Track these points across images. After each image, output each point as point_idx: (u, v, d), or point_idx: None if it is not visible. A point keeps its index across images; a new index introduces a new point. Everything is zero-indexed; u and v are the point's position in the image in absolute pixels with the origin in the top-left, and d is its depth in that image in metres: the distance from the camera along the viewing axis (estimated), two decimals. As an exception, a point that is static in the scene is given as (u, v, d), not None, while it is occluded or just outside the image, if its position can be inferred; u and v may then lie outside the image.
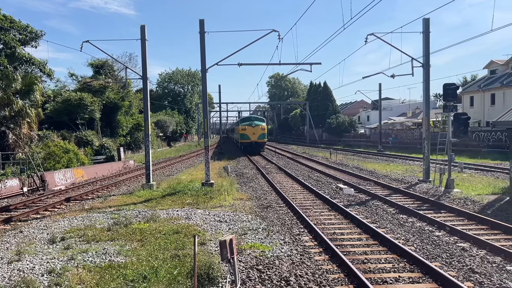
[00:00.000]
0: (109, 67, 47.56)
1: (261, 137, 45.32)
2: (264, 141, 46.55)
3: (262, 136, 45.47)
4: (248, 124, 45.52)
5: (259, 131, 45.00)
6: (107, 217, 13.91)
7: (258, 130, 44.95)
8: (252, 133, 44.75)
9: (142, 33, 20.80)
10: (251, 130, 44.87)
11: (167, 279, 7.72)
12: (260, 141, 45.57)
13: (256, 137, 44.97)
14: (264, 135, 45.59)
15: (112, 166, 32.01)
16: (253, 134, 44.78)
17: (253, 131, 44.79)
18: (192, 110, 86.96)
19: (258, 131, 44.96)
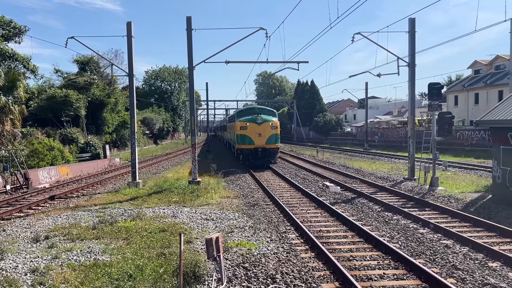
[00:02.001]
0: (95, 63, 46.96)
1: (271, 141, 28.00)
2: (277, 147, 28.95)
3: (274, 138, 28.09)
4: (251, 119, 28.24)
5: (269, 130, 27.90)
6: (92, 215, 13.78)
7: (267, 129, 27.87)
8: (257, 133, 27.69)
9: (128, 29, 20.61)
10: (256, 129, 27.80)
11: (152, 277, 7.68)
12: (271, 146, 28.11)
13: (264, 140, 27.70)
14: (276, 137, 28.19)
15: (98, 163, 31.68)
16: (258, 135, 27.75)
17: (258, 131, 27.70)
18: (179, 108, 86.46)
19: (267, 130, 27.89)
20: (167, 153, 48.28)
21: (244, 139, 28.02)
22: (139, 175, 22.25)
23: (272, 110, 31.09)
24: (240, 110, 33.26)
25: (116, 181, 24.12)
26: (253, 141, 27.69)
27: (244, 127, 27.85)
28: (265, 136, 27.68)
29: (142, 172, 27.24)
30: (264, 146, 27.73)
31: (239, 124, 28.35)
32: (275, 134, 27.92)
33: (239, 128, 28.10)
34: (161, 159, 38.99)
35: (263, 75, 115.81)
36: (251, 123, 27.70)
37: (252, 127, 27.67)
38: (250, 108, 32.18)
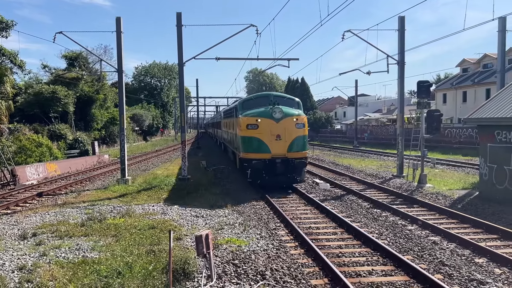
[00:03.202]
0: (84, 59, 46.40)
1: (297, 146, 17.78)
2: (305, 156, 18.23)
3: (301, 143, 17.93)
4: (264, 113, 17.86)
5: (293, 130, 17.67)
6: (81, 212, 13.67)
7: (289, 129, 17.61)
8: (275, 135, 17.46)
9: (118, 25, 20.43)
10: (272, 128, 17.53)
11: (142, 274, 7.65)
12: (296, 155, 17.68)
13: (285, 146, 17.52)
14: (304, 140, 18.06)
15: (86, 160, 31.41)
16: (276, 138, 17.45)
17: (276, 131, 17.48)
18: (169, 104, 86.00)
19: (291, 130, 17.62)
20: (156, 150, 48.03)
21: (253, 145, 17.29)
22: (128, 172, 22.12)
23: (294, 98, 19.42)
24: (247, 99, 20.23)
25: (105, 178, 23.95)
26: (267, 147, 16.89)
27: (254, 125, 17.22)
28: (287, 139, 16.98)
29: (132, 169, 27.08)
30: (285, 156, 16.91)
31: (244, 121, 17.51)
32: (302, 136, 17.30)
33: (245, 127, 17.41)
34: (150, 156, 38.79)
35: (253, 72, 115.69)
36: (264, 119, 17.08)
37: (266, 126, 17.00)
38: (263, 95, 20.50)
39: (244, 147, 17.86)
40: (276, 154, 17.11)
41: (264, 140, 17.15)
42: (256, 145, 17.32)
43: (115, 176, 23.47)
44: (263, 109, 17.77)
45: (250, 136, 17.53)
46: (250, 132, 17.48)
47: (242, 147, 18.04)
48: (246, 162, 17.61)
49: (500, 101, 15.76)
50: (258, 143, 17.25)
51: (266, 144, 17.09)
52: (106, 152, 40.47)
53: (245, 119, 17.79)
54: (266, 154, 17.12)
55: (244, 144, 17.90)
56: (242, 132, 17.91)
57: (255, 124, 17.31)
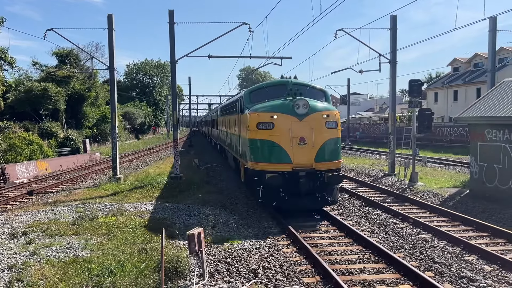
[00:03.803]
0: (75, 56, 46.01)
1: (329, 153, 12.44)
2: (338, 167, 12.67)
3: (333, 148, 12.58)
4: (282, 106, 12.50)
5: (323, 130, 12.37)
6: (72, 210, 13.58)
7: (318, 129, 12.29)
8: (298, 138, 12.12)
9: (109, 22, 20.28)
10: (294, 127, 12.19)
11: (133, 273, 7.62)
12: (327, 166, 12.31)
13: (312, 153, 12.16)
14: (336, 145, 12.68)
15: (78, 158, 31.18)
16: (299, 142, 12.12)
17: (299, 131, 12.16)
18: (161, 102, 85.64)
19: (320, 130, 12.32)
20: (148, 148, 47.83)
21: (266, 151, 12.46)
22: (120, 170, 22.01)
23: (320, 87, 14.46)
24: (256, 88, 14.82)
25: (97, 176, 23.80)
26: (287, 155, 12.14)
27: (268, 124, 12.38)
28: (314, 143, 12.23)
29: (123, 167, 26.93)
30: (312, 167, 12.15)
31: (254, 118, 12.66)
32: (334, 139, 12.61)
33: (255, 127, 12.57)
34: (142, 154, 38.62)
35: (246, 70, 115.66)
36: (283, 116, 12.30)
37: (285, 124, 12.24)
38: (278, 83, 15.48)
39: (254, 154, 12.57)
40: (300, 164, 11.86)
41: (282, 145, 11.93)
42: (271, 152, 12.12)
43: (107, 175, 23.33)
44: (280, 102, 12.56)
45: (262, 139, 12.25)
46: (262, 134, 12.24)
47: (251, 154, 12.68)
48: (256, 175, 12.28)
49: (490, 100, 15.91)
50: (273, 149, 12.05)
51: (285, 150, 11.90)
52: (97, 150, 40.21)
53: (255, 115, 12.48)
54: (286, 165, 11.86)
55: (253, 151, 12.59)
56: (250, 134, 12.60)
57: (270, 122, 12.11)
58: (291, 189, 11.96)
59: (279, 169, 11.97)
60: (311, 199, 12.18)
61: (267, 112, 12.44)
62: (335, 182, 12.32)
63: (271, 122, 12.22)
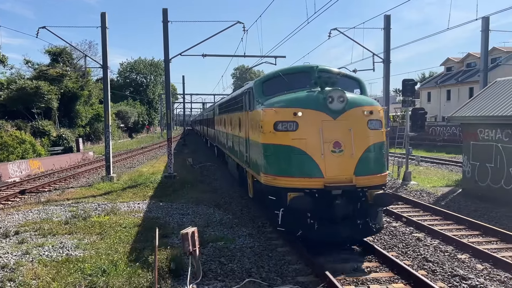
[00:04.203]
0: (68, 55, 45.68)
1: (373, 163, 9.12)
2: (384, 182, 9.43)
3: (377, 156, 9.24)
4: (308, 100, 9.16)
5: (366, 133, 9.06)
6: (65, 210, 13.50)
7: (359, 130, 8.95)
8: (331, 142, 8.74)
9: (103, 20, 20.17)
10: (327, 128, 8.80)
11: (127, 272, 7.59)
12: (372, 182, 8.94)
13: (351, 164, 8.78)
14: (381, 151, 9.38)
15: (71, 157, 30.98)
16: (333, 149, 8.74)
17: (333, 134, 8.78)
18: (155, 101, 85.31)
19: (362, 132, 8.99)
20: (142, 147, 47.65)
21: (287, 161, 9.13)
22: (113, 169, 21.91)
23: (352, 76, 12.12)
24: (269, 76, 11.36)
25: (90, 175, 23.68)
26: (316, 167, 8.79)
27: (289, 124, 9.07)
28: (354, 150, 8.90)
29: (117, 166, 26.81)
30: (351, 183, 8.75)
31: (270, 116, 9.39)
32: (379, 144, 9.41)
33: (272, 127, 9.29)
34: (136, 153, 38.47)
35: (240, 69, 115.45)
36: (310, 112, 9.00)
37: (314, 124, 8.94)
38: (300, 69, 11.12)
39: (270, 164, 9.45)
40: (334, 179, 8.62)
41: (310, 152, 8.72)
42: (294, 163, 8.90)
43: (100, 174, 23.22)
44: (305, 94, 9.42)
45: (281, 144, 9.04)
46: (281, 137, 9.03)
47: (266, 164, 9.59)
48: (274, 193, 9.14)
49: (483, 100, 16.02)
50: (298, 158, 8.84)
51: (314, 160, 8.68)
52: (90, 149, 40.00)
53: (272, 112, 9.25)
54: (315, 181, 8.65)
55: (269, 160, 9.49)
56: (265, 137, 9.49)
57: (292, 121, 8.91)
58: (323, 214, 8.59)
59: (306, 186, 8.63)
60: (350, 227, 8.70)
61: (288, 107, 9.03)
62: (383, 203, 8.97)
63: (294, 121, 8.88)
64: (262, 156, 9.78)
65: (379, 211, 9.14)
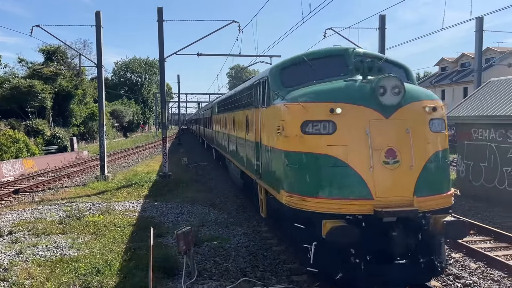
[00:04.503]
0: (62, 53, 45.45)
1: (437, 178, 6.72)
2: (450, 202, 6.83)
3: (441, 168, 6.85)
4: (352, 90, 6.74)
5: (427, 136, 6.70)
6: (59, 209, 13.43)
7: (420, 133, 6.61)
8: (383, 150, 6.34)
9: (97, 19, 20.08)
10: (376, 130, 6.40)
11: (122, 272, 7.56)
12: (436, 203, 6.55)
13: (410, 179, 6.40)
14: (445, 160, 7.01)
15: (65, 156, 30.81)
16: (385, 158, 6.33)
17: (387, 137, 6.40)
18: (150, 100, 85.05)
19: (423, 136, 6.65)
20: (137, 146, 47.51)
21: (321, 176, 6.63)
22: (108, 169, 21.83)
23: (398, 62, 8.55)
24: (291, 62, 8.41)
25: (84, 175, 23.57)
26: (363, 184, 6.32)
27: (323, 124, 6.62)
28: (414, 161, 6.44)
29: (111, 165, 26.72)
30: (412, 205, 6.29)
31: (296, 114, 6.98)
32: (443, 152, 6.95)
33: (298, 129, 6.82)
34: (130, 153, 38.34)
35: (235, 69, 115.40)
36: (352, 108, 6.56)
37: (357, 125, 6.51)
38: (331, 52, 8.42)
39: (297, 180, 7.08)
40: (388, 201, 6.38)
41: (352, 164, 6.49)
42: (331, 178, 6.65)
43: (94, 173, 23.13)
44: (343, 83, 7.12)
45: (313, 152, 6.77)
46: (312, 143, 6.79)
47: (290, 179, 7.25)
48: (302, 220, 6.75)
49: (477, 100, 16.12)
50: (337, 172, 6.60)
51: (359, 175, 6.45)
52: (85, 148, 39.83)
53: (298, 109, 6.99)
54: (361, 203, 6.40)
55: (295, 173, 7.11)
56: (288, 142, 7.21)
57: (328, 121, 6.66)
58: (373, 250, 6.30)
59: (349, 211, 6.32)
60: (409, 268, 6.29)
61: (322, 101, 6.73)
62: (457, 233, 6.56)
63: (330, 120, 6.57)
64: (283, 168, 7.22)
65: (443, 243, 6.86)
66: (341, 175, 6.43)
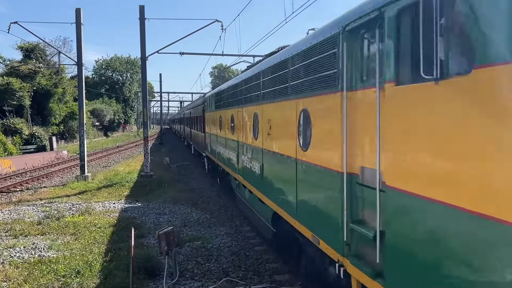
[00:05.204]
0: (41, 51, 44.57)
1: None
2: None
3: None
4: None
5: None
6: (38, 210, 13.18)
7: None
8: None
9: (78, 16, 19.76)
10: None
11: (102, 273, 7.47)
12: None
13: None
14: None
15: (44, 156, 30.23)
16: None
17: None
18: (131, 99, 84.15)
19: None
20: (118, 145, 46.94)
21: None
22: (88, 169, 21.51)
23: None
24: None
25: (64, 175, 23.17)
26: None
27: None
28: None
29: (91, 165, 26.34)
30: None
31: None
32: None
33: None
34: (111, 152, 37.86)
35: (218, 68, 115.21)
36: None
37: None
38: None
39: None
40: None
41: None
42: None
43: (74, 173, 22.76)
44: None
45: None
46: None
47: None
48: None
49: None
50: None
51: None
52: (64, 147, 39.16)
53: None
54: None
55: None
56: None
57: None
58: None
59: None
60: None
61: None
62: None
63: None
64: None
65: None
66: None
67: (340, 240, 4.56)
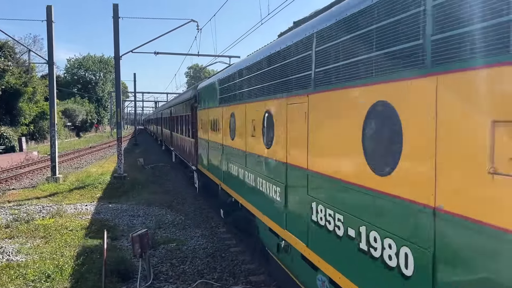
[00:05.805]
0: (10, 49, 43.18)
1: None
2: None
3: None
4: None
5: None
6: (6, 212, 12.77)
7: None
8: None
9: (48, 14, 19.28)
10: None
11: (74, 277, 7.30)
12: None
13: None
14: None
15: (12, 157, 29.32)
16: None
17: None
18: (104, 99, 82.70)
19: None
20: (90, 146, 46.01)
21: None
22: (60, 170, 21.01)
23: None
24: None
25: (34, 176, 22.54)
26: None
27: None
28: None
29: (63, 166, 25.72)
30: None
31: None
32: None
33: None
34: (84, 153, 37.08)
35: (194, 68, 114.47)
36: None
37: None
38: None
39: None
40: None
41: None
42: None
43: (45, 174, 22.17)
44: None
45: None
46: None
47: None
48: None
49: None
50: None
51: None
52: (35, 148, 38.10)
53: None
54: None
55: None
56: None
57: None
58: None
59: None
60: None
61: None
62: None
63: None
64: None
65: None
66: None
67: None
